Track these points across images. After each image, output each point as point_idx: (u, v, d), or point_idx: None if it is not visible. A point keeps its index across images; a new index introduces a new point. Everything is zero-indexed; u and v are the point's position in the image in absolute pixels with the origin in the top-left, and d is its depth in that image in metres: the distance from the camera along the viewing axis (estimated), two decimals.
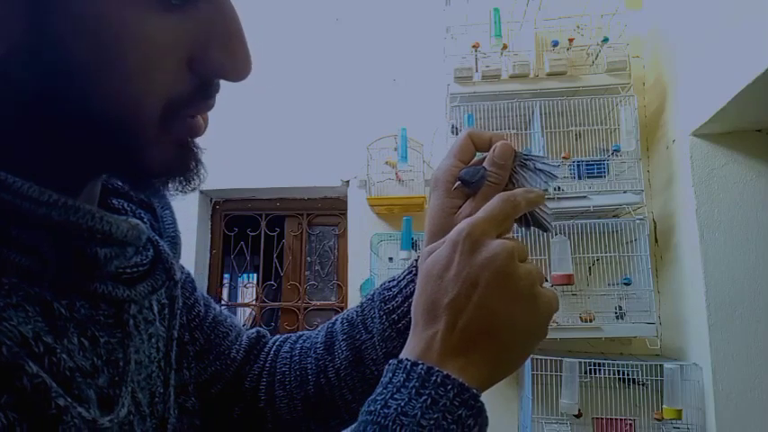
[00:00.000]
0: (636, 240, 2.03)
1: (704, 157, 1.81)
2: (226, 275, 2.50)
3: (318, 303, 2.55)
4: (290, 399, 0.59)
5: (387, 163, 2.29)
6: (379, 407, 0.37)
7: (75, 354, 0.35)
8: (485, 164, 0.51)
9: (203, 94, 0.38)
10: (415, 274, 0.55)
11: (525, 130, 2.13)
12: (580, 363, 1.86)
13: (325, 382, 0.57)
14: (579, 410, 1.85)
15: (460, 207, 0.50)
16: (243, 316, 3.34)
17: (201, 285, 2.52)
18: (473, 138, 0.52)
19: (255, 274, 2.53)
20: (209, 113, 0.43)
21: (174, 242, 0.49)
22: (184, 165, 0.40)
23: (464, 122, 2.08)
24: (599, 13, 2.15)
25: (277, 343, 0.65)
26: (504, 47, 2.12)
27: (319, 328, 0.62)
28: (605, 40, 2.06)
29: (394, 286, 0.56)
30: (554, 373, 1.87)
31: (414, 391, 0.37)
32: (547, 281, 2.00)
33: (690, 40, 1.85)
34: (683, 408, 1.73)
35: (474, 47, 2.13)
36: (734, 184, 1.78)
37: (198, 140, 0.42)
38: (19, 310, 0.32)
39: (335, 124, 2.45)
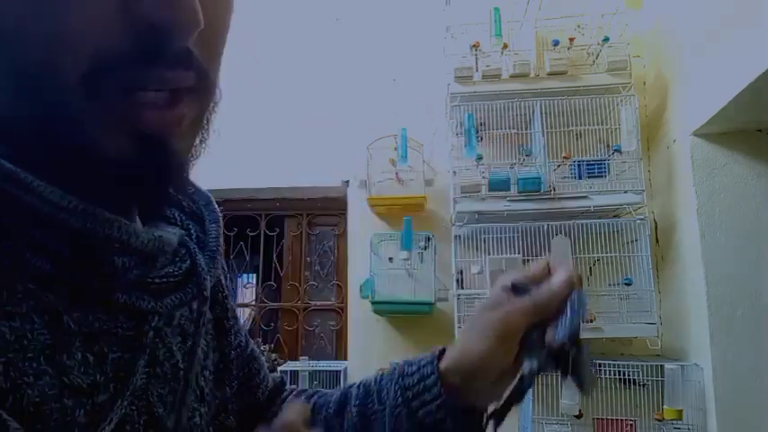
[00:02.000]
0: (636, 240, 2.03)
1: (705, 156, 1.81)
2: None
3: (318, 304, 2.55)
4: None
5: (390, 161, 2.28)
6: None
7: (72, 371, 0.34)
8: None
9: (144, 56, 0.32)
10: (437, 358, 0.55)
11: (525, 129, 2.13)
12: None
13: None
14: (580, 411, 1.85)
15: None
16: (242, 316, 3.34)
17: None
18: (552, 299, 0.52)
19: (255, 275, 2.52)
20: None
21: (213, 257, 0.47)
22: (144, 164, 0.34)
23: (464, 122, 2.08)
24: (600, 12, 2.15)
25: (293, 394, 0.64)
26: (505, 46, 2.11)
27: (336, 388, 0.62)
28: (606, 39, 2.06)
29: (414, 363, 0.56)
30: (554, 374, 1.86)
31: None
32: None
33: (691, 39, 1.84)
34: (684, 408, 1.73)
35: (474, 46, 2.13)
36: (735, 183, 1.77)
37: (189, 148, 0.37)
38: (26, 320, 0.31)
39: (335, 124, 2.45)
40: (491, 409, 0.51)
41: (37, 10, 0.30)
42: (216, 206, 0.52)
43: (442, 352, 0.55)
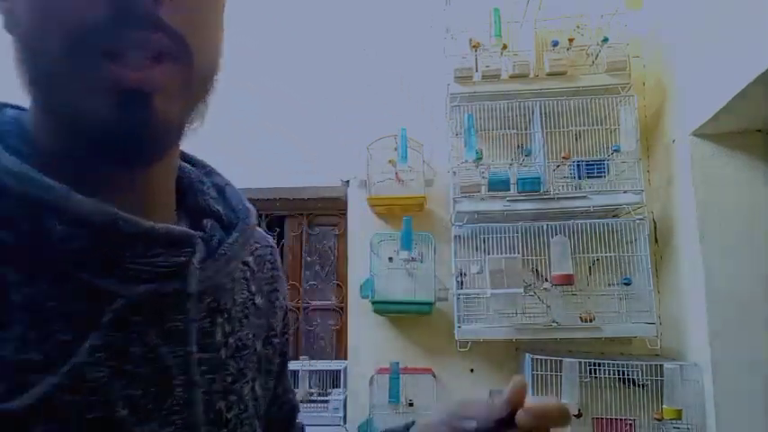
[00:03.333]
0: (636, 240, 2.03)
1: (704, 156, 1.81)
2: None
3: (318, 303, 2.55)
4: None
5: (390, 162, 2.28)
6: None
7: (5, 346, 0.33)
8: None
9: (115, 19, 0.34)
10: None
11: (525, 130, 2.13)
12: (580, 363, 1.86)
13: None
14: (579, 410, 1.85)
15: None
16: None
17: None
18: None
19: None
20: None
21: (216, 259, 0.44)
22: (123, 126, 0.36)
23: (464, 122, 2.08)
24: (599, 13, 2.15)
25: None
26: (504, 47, 2.12)
27: None
28: (605, 39, 2.06)
29: None
30: (554, 373, 1.87)
31: None
32: (547, 281, 2.01)
33: (690, 39, 1.85)
34: (683, 408, 1.73)
35: (474, 47, 2.13)
36: (734, 183, 1.78)
37: (163, 108, 0.37)
38: None
39: (335, 124, 2.45)
40: None
41: None
42: (253, 220, 0.50)
43: None
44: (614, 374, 1.91)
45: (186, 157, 0.54)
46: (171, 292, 0.40)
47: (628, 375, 1.92)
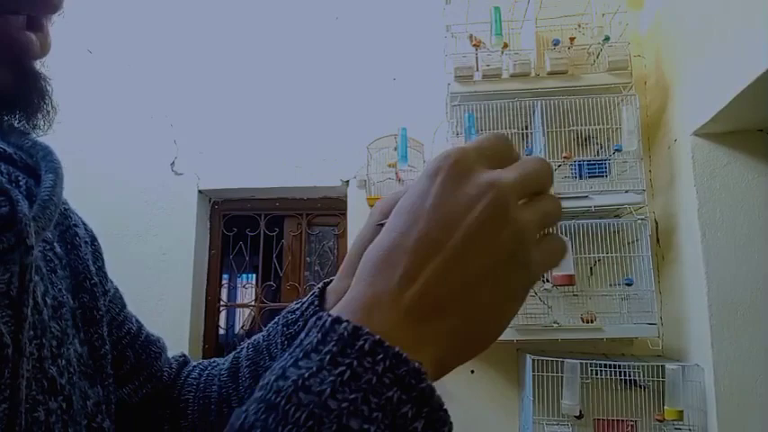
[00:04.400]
0: (637, 240, 2.02)
1: (706, 156, 1.80)
2: (225, 276, 2.49)
3: None
4: (193, 429, 0.56)
5: (389, 165, 2.28)
6: (273, 378, 0.25)
7: None
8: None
9: None
10: (318, 300, 0.51)
11: (526, 129, 2.12)
12: (581, 364, 1.85)
13: (228, 411, 0.54)
14: (580, 411, 1.84)
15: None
16: (242, 317, 3.34)
17: (200, 286, 2.51)
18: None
19: (254, 275, 2.52)
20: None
21: (45, 206, 0.39)
22: (21, 91, 0.35)
23: (464, 122, 2.07)
24: (600, 11, 2.14)
25: (189, 369, 0.62)
26: (505, 46, 2.11)
27: (228, 355, 0.59)
28: (606, 39, 2.05)
29: (296, 309, 0.53)
30: (555, 374, 1.86)
31: (328, 358, 0.25)
32: (547, 281, 2.00)
33: (691, 39, 1.84)
34: (685, 409, 1.72)
35: (475, 45, 2.12)
36: (736, 183, 1.77)
37: (43, 69, 0.37)
38: None
39: (335, 124, 2.44)
40: None
41: None
42: (56, 156, 0.46)
43: (323, 290, 0.52)
44: (616, 375, 1.90)
45: None
46: (6, 248, 0.35)
47: (629, 376, 1.91)
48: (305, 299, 0.53)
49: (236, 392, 0.54)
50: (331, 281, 0.53)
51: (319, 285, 0.53)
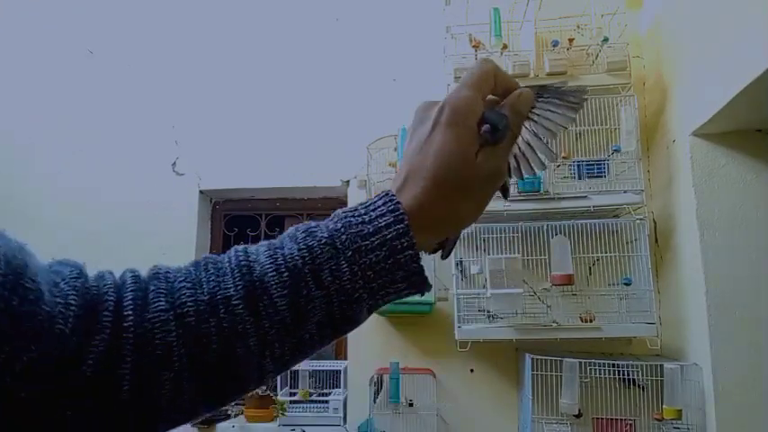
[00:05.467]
0: (636, 240, 2.03)
1: (704, 157, 1.81)
2: None
3: None
4: (178, 378, 0.38)
5: (389, 165, 2.28)
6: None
7: None
8: (505, 110, 0.44)
9: None
10: (393, 206, 0.41)
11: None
12: (580, 363, 1.86)
13: (243, 352, 0.39)
14: (579, 410, 1.85)
15: (476, 153, 0.42)
16: None
17: None
18: (497, 77, 0.44)
19: None
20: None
21: None
22: None
23: None
24: (599, 12, 2.15)
25: (137, 288, 0.40)
26: (504, 47, 2.12)
27: (222, 265, 0.41)
28: (605, 39, 2.06)
29: (370, 233, 0.40)
30: (554, 374, 1.87)
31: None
32: (548, 282, 2.00)
33: (690, 40, 1.85)
34: (683, 408, 1.73)
35: (474, 46, 2.13)
36: (734, 183, 1.78)
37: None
38: None
39: (335, 124, 2.45)
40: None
41: None
42: None
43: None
44: (614, 375, 1.91)
45: None
46: None
47: (628, 375, 1.92)
48: (371, 207, 0.43)
49: (257, 327, 0.39)
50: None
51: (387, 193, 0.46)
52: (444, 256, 0.48)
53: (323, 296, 0.39)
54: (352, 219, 0.41)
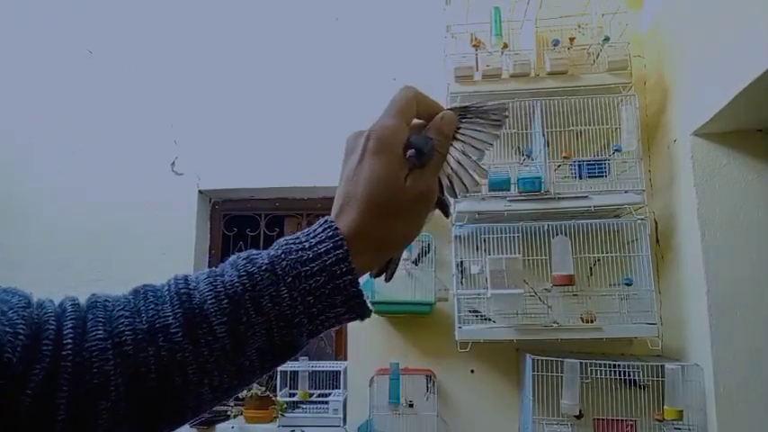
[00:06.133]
0: (637, 240, 2.02)
1: (705, 156, 1.81)
2: None
3: None
4: (115, 408, 0.37)
5: None
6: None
7: None
8: (430, 132, 0.46)
9: None
10: (332, 233, 0.43)
11: (526, 129, 2.12)
12: (581, 363, 1.85)
13: (182, 380, 0.38)
14: (580, 411, 1.85)
15: (405, 177, 0.44)
16: None
17: None
18: (417, 101, 0.48)
19: None
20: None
21: None
22: None
23: None
24: (600, 12, 2.14)
25: (77, 316, 0.39)
26: (505, 46, 2.11)
27: (162, 293, 0.41)
28: (606, 39, 2.05)
29: (309, 259, 0.41)
30: (555, 374, 1.87)
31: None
32: (548, 282, 2.00)
33: (691, 39, 1.84)
34: (685, 408, 1.73)
35: (475, 45, 2.12)
36: (735, 183, 1.77)
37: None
38: None
39: (335, 124, 2.44)
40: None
41: None
42: None
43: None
44: (615, 375, 1.90)
45: None
46: None
47: (629, 376, 1.92)
48: (311, 234, 0.45)
49: (195, 355, 0.39)
50: None
51: (326, 222, 0.48)
52: (387, 279, 0.49)
53: (263, 322, 0.40)
54: (292, 245, 0.42)
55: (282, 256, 0.41)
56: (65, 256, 2.41)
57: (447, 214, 0.51)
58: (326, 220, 0.43)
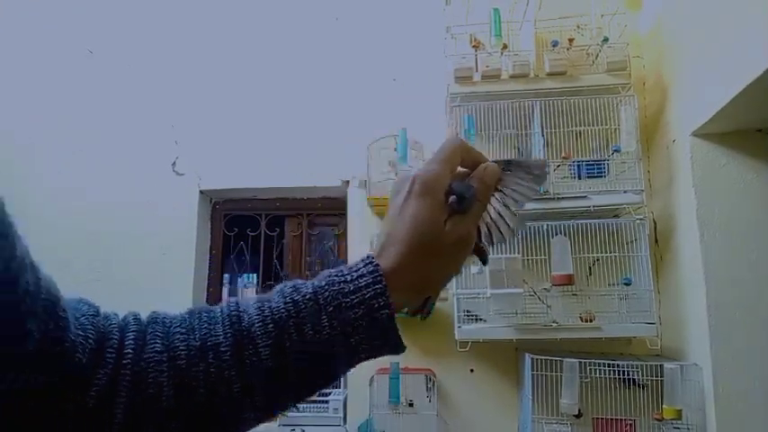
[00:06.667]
0: (636, 240, 2.03)
1: (704, 157, 1.81)
2: (226, 276, 2.50)
3: None
4: (164, 418, 0.40)
5: (389, 165, 2.28)
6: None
7: None
8: (473, 181, 0.49)
9: None
10: (372, 268, 0.45)
11: (525, 130, 2.13)
12: (580, 363, 1.86)
13: (227, 396, 0.41)
14: (579, 411, 1.85)
15: (445, 221, 0.46)
16: None
17: (201, 286, 2.52)
18: (463, 151, 0.50)
19: (255, 275, 2.52)
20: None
21: None
22: None
23: (464, 123, 2.08)
24: (599, 13, 2.15)
25: (138, 329, 0.43)
26: (505, 47, 2.12)
27: (215, 314, 0.44)
28: (605, 39, 2.06)
29: (350, 291, 0.43)
30: (554, 374, 1.87)
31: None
32: (548, 282, 2.00)
33: (690, 40, 1.85)
34: (683, 408, 1.73)
35: (474, 46, 2.13)
36: (734, 184, 1.77)
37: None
38: None
39: (335, 124, 2.45)
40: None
41: None
42: None
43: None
44: (614, 375, 1.91)
45: None
46: None
47: (628, 375, 1.92)
48: (354, 270, 0.47)
49: (241, 375, 0.41)
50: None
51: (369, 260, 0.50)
52: (423, 317, 0.51)
53: (305, 347, 0.42)
54: (335, 277, 0.44)
55: (326, 287, 0.44)
56: (65, 256, 2.41)
57: (485, 262, 0.53)
58: (368, 256, 0.46)
